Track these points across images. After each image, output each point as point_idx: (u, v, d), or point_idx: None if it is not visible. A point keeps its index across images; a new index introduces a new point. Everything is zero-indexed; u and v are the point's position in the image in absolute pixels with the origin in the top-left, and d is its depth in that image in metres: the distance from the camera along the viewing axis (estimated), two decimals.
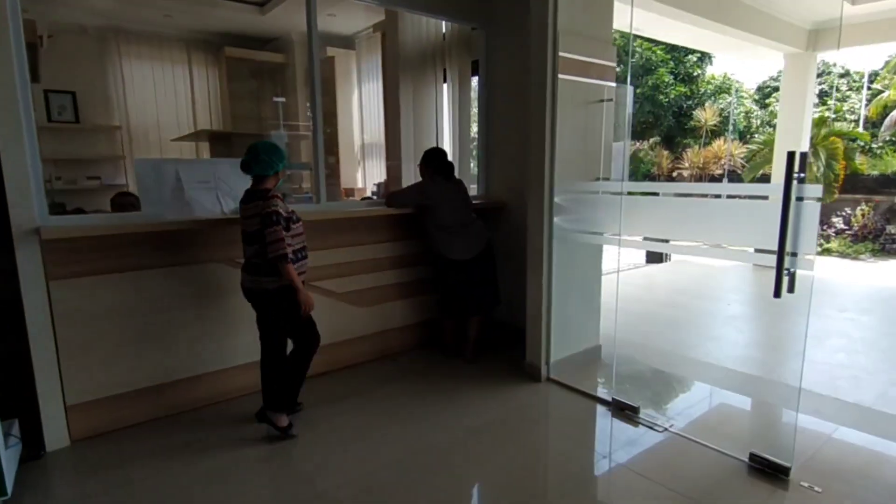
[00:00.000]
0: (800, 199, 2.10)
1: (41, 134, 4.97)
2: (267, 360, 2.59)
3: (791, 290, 2.17)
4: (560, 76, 2.93)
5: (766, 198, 2.74)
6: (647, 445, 2.49)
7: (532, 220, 3.12)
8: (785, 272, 2.12)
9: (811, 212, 2.08)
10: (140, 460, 2.36)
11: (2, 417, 2.18)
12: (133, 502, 2.08)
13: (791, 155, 2.05)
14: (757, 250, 2.52)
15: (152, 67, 5.69)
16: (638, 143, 14.81)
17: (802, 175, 2.09)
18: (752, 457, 2.30)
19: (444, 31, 4.20)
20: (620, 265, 7.08)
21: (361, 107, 6.24)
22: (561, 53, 2.91)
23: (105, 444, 2.49)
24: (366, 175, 6.38)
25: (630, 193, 3.04)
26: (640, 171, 14.14)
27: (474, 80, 4.11)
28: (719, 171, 12.50)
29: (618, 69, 3.26)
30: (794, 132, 6.75)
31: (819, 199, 2.08)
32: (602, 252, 3.42)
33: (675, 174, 13.59)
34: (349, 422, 2.71)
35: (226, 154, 5.10)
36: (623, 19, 5.58)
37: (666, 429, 2.63)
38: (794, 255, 2.14)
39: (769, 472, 2.23)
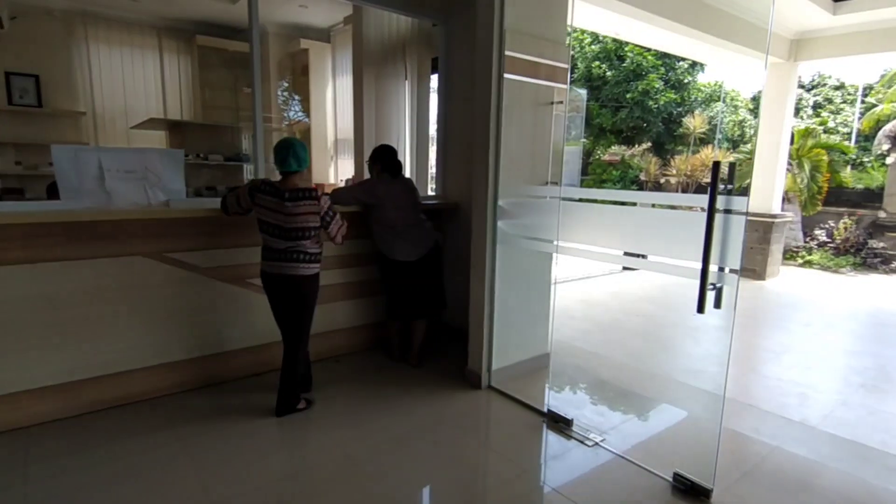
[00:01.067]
0: (728, 211, 2.02)
1: (2, 117, 4.90)
2: (301, 344, 2.74)
3: (717, 305, 2.09)
4: (507, 76, 2.85)
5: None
6: (572, 460, 2.41)
7: (476, 223, 3.04)
8: (710, 287, 2.04)
9: (737, 225, 1.99)
10: (44, 459, 2.26)
11: None
12: (25, 500, 1.99)
13: (716, 165, 1.97)
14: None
15: (121, 53, 5.59)
16: (628, 149, 14.75)
17: (730, 186, 2.01)
18: (676, 477, 2.22)
19: (406, 26, 4.12)
20: (594, 271, 7.02)
21: (335, 101, 6.15)
22: (507, 52, 2.82)
23: (15, 441, 2.39)
24: (338, 170, 6.30)
25: (583, 200, 2.95)
26: (628, 176, 14.08)
27: (434, 77, 4.01)
28: (706, 180, 12.45)
29: (609, 73, 3.16)
30: (773, 143, 6.69)
31: (744, 213, 1.99)
32: (551, 258, 3.33)
33: (662, 181, 13.52)
34: (267, 426, 2.62)
35: (180, 144, 5.02)
36: (599, 22, 5.51)
37: (596, 443, 2.55)
38: (721, 269, 2.06)
39: (691, 494, 2.16)
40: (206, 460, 2.31)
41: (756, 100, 15.27)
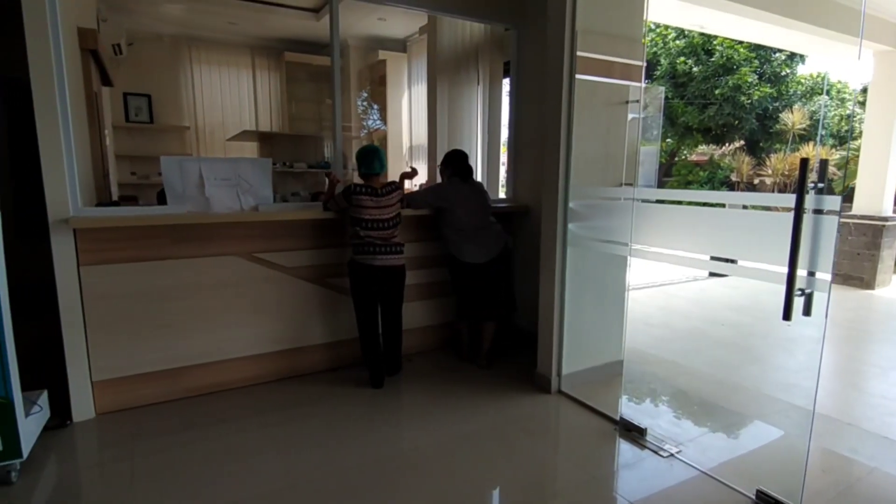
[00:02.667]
0: (818, 211, 1.88)
1: (120, 133, 5.52)
2: (398, 327, 3.19)
3: (807, 312, 1.94)
4: (579, 76, 2.82)
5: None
6: (645, 470, 2.33)
7: (545, 225, 3.02)
8: (798, 292, 1.91)
9: (829, 227, 1.85)
10: (150, 437, 2.54)
11: (32, 388, 2.42)
12: (134, 472, 2.24)
13: (804, 162, 1.84)
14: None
15: (220, 72, 6.11)
16: (717, 148, 13.89)
17: (821, 185, 1.87)
18: (759, 494, 2.09)
19: (479, 32, 4.17)
20: (676, 277, 6.69)
21: (410, 108, 6.34)
22: (580, 53, 2.79)
23: (125, 419, 2.70)
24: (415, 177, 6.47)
25: (665, 202, 2.85)
26: (717, 176, 13.26)
27: (506, 82, 4.04)
28: (809, 180, 11.43)
29: (696, 69, 3.06)
30: (883, 138, 6.05)
31: (837, 213, 1.84)
32: (626, 262, 3.23)
33: (756, 181, 12.61)
34: (343, 417, 2.76)
35: (269, 153, 5.41)
36: (681, 16, 5.27)
37: (672, 454, 2.44)
38: (811, 274, 1.92)
39: None
40: (287, 445, 2.48)
41: (867, 91, 13.83)
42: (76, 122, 2.63)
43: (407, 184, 6.07)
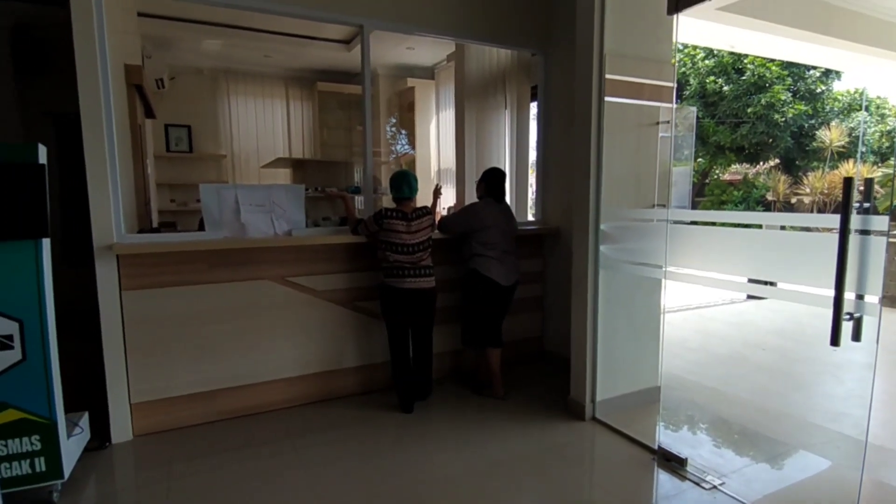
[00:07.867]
0: (865, 232, 1.81)
1: (161, 162, 5.74)
2: (429, 350, 3.18)
3: (856, 338, 1.85)
4: (608, 99, 2.81)
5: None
6: (685, 503, 2.23)
7: (576, 248, 2.99)
8: (846, 317, 1.82)
9: (877, 248, 1.77)
10: (186, 459, 2.57)
11: (73, 410, 2.49)
12: (169, 494, 2.27)
13: (847, 181, 1.78)
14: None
15: (255, 102, 6.34)
16: (751, 167, 13.58)
17: (867, 205, 1.80)
18: None
19: (506, 58, 4.22)
20: (713, 299, 6.49)
21: (438, 133, 6.42)
22: (608, 76, 2.79)
23: (161, 441, 2.75)
24: (442, 199, 6.52)
25: (699, 223, 2.79)
26: (752, 196, 12.93)
27: (534, 106, 4.06)
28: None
29: (726, 88, 3.02)
30: None
31: (885, 233, 1.77)
32: (660, 285, 3.15)
33: (794, 200, 12.24)
34: (372, 442, 2.74)
35: (302, 179, 5.53)
36: (711, 37, 5.24)
37: (715, 486, 2.34)
38: (859, 297, 1.83)
39: None
40: (319, 469, 2.47)
41: None
42: (121, 153, 2.75)
43: (441, 204, 6.11)
